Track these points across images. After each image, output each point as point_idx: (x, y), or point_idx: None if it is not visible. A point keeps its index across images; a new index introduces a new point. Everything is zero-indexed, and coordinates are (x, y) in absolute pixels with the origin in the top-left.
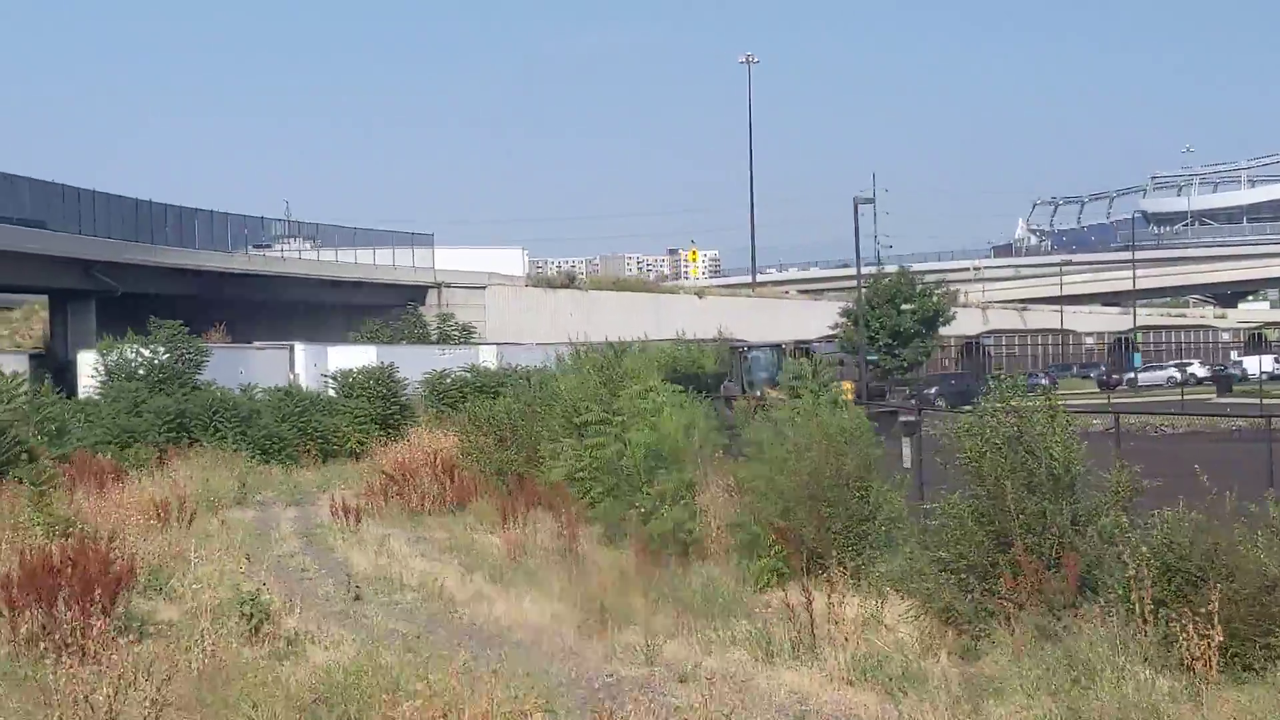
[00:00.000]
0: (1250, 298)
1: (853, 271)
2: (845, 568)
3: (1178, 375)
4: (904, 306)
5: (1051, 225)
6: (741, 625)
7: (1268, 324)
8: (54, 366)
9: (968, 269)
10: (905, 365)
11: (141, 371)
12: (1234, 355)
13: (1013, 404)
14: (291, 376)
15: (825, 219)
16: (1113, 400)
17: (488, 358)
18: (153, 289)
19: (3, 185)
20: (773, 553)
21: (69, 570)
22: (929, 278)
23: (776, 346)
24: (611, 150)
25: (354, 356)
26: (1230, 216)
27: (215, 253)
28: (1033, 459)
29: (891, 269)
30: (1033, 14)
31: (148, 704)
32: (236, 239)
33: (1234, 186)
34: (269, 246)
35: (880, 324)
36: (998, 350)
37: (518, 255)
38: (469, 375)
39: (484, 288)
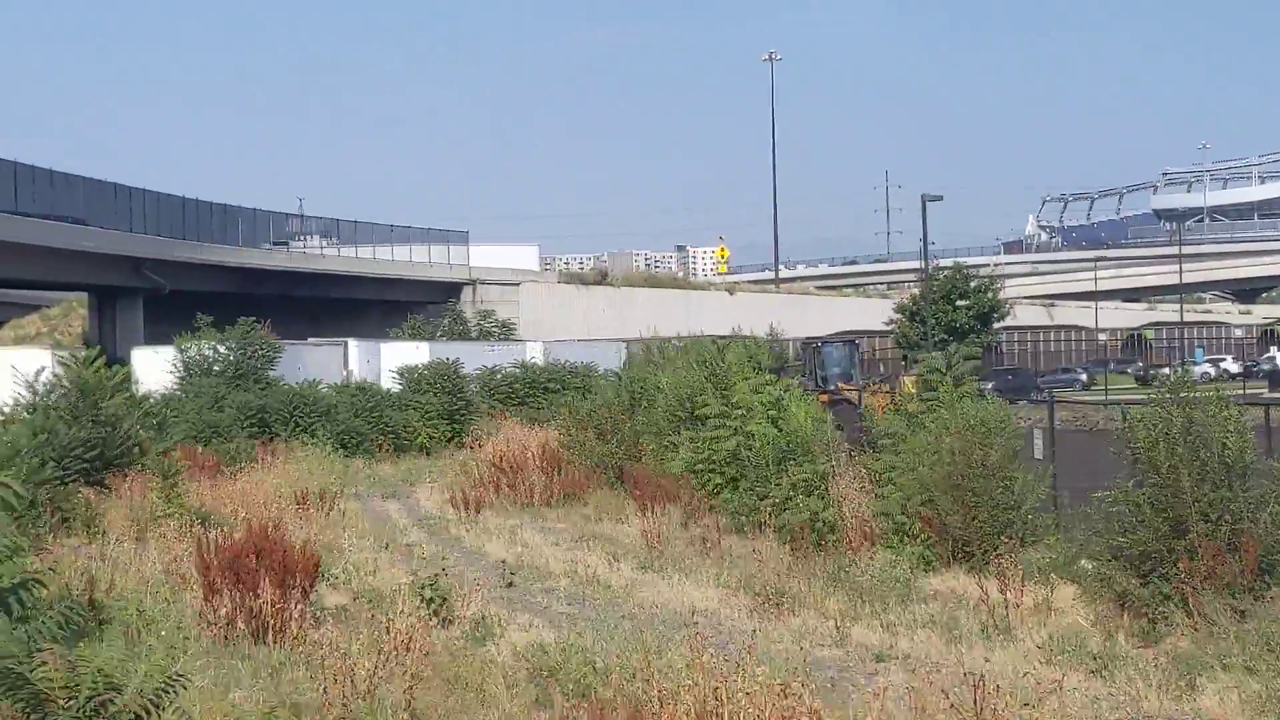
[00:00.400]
0: (1265, 294)
1: (873, 267)
2: (992, 556)
3: (1212, 371)
4: (959, 302)
5: (1061, 222)
6: (920, 609)
7: None
8: (105, 363)
9: (986, 265)
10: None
11: (217, 368)
12: (1266, 351)
13: (1183, 395)
14: (345, 373)
15: (826, 217)
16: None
17: (535, 354)
18: (197, 286)
19: (59, 184)
20: (919, 541)
21: (264, 557)
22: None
23: (850, 342)
24: (613, 149)
25: (407, 353)
26: (1240, 213)
27: (257, 250)
28: (1205, 449)
29: (947, 264)
30: (1040, 10)
31: (408, 677)
32: (277, 236)
33: (1244, 183)
34: (290, 242)
35: (936, 319)
36: (1020, 347)
37: (533, 252)
38: (519, 371)
39: (518, 284)
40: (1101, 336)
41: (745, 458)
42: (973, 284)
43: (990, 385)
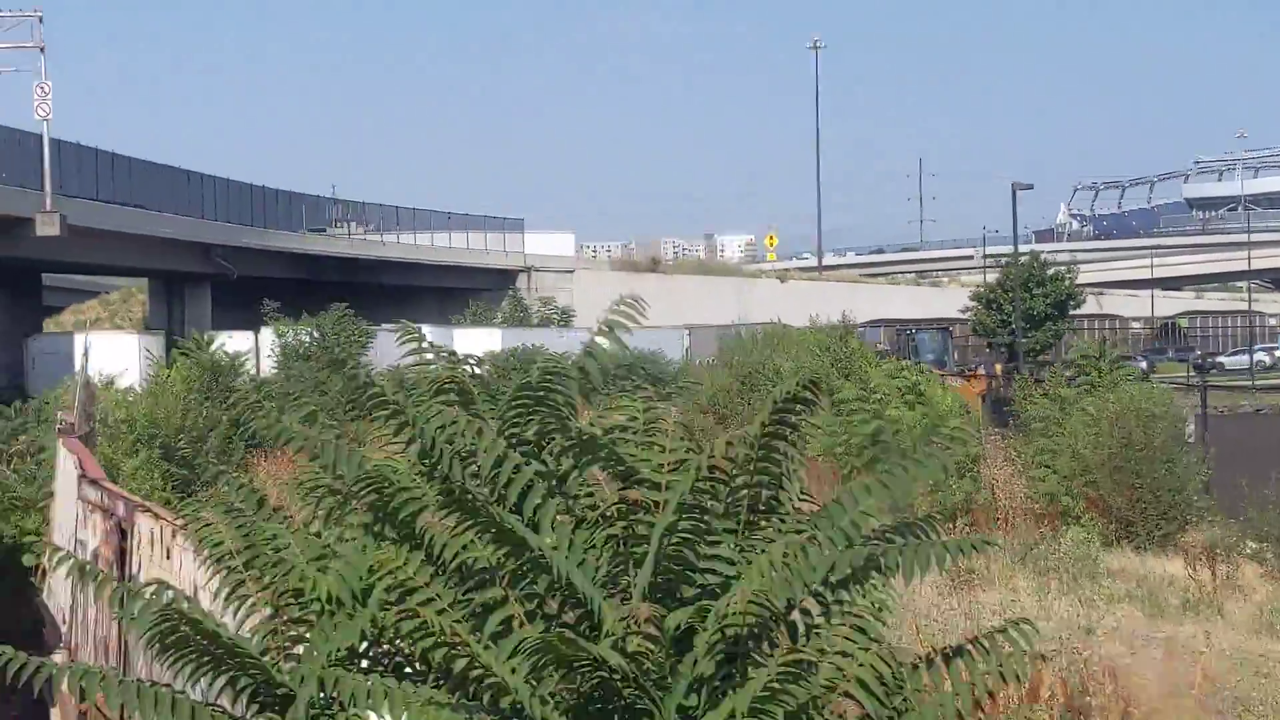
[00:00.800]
0: None
1: (900, 256)
2: (1156, 535)
3: (1267, 359)
4: (1036, 290)
5: (1093, 210)
6: (1111, 585)
7: None
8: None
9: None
10: (1038, 347)
11: (314, 352)
12: None
13: None
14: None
15: (849, 206)
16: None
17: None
18: (260, 272)
19: (137, 171)
20: (1082, 522)
21: None
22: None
23: (945, 329)
24: (639, 135)
25: (480, 339)
26: (1272, 202)
27: (320, 236)
28: None
29: (1014, 253)
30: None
31: None
32: (334, 222)
33: (1275, 172)
34: (348, 228)
35: (1013, 307)
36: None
37: (570, 239)
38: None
39: (571, 272)
40: (1135, 325)
41: (886, 440)
42: (1050, 271)
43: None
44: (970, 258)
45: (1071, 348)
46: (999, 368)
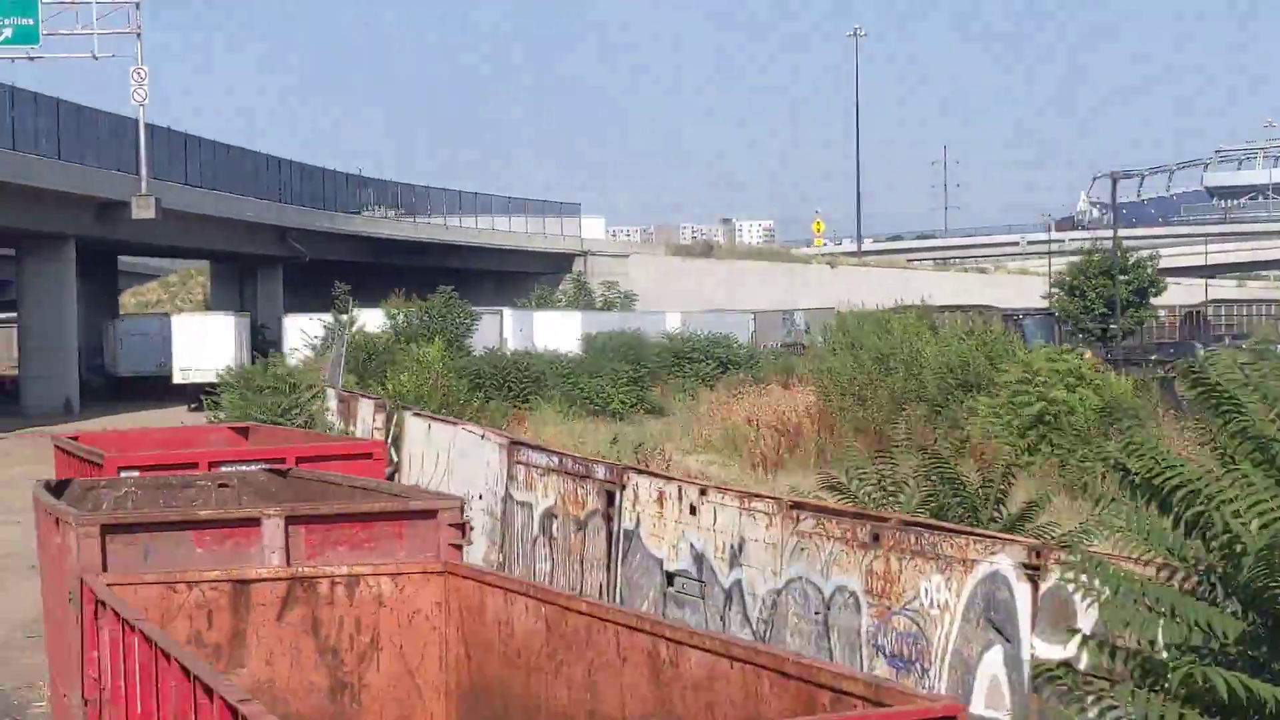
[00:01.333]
0: None
1: (917, 244)
2: None
3: None
4: (1120, 277)
5: (1112, 198)
6: None
7: None
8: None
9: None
10: (1121, 334)
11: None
12: None
13: None
14: (501, 340)
15: (866, 192)
16: None
17: (674, 324)
18: (329, 255)
19: (220, 155)
20: None
21: None
22: (1004, 249)
23: (1050, 314)
24: (651, 119)
25: (557, 321)
26: None
27: (386, 220)
28: None
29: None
30: None
31: None
32: (397, 205)
33: None
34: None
35: (1096, 294)
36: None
37: (600, 223)
38: (666, 341)
39: (627, 256)
40: (1161, 314)
41: (1052, 422)
42: (1131, 259)
43: (1153, 359)
44: (1016, 244)
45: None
46: (1089, 354)
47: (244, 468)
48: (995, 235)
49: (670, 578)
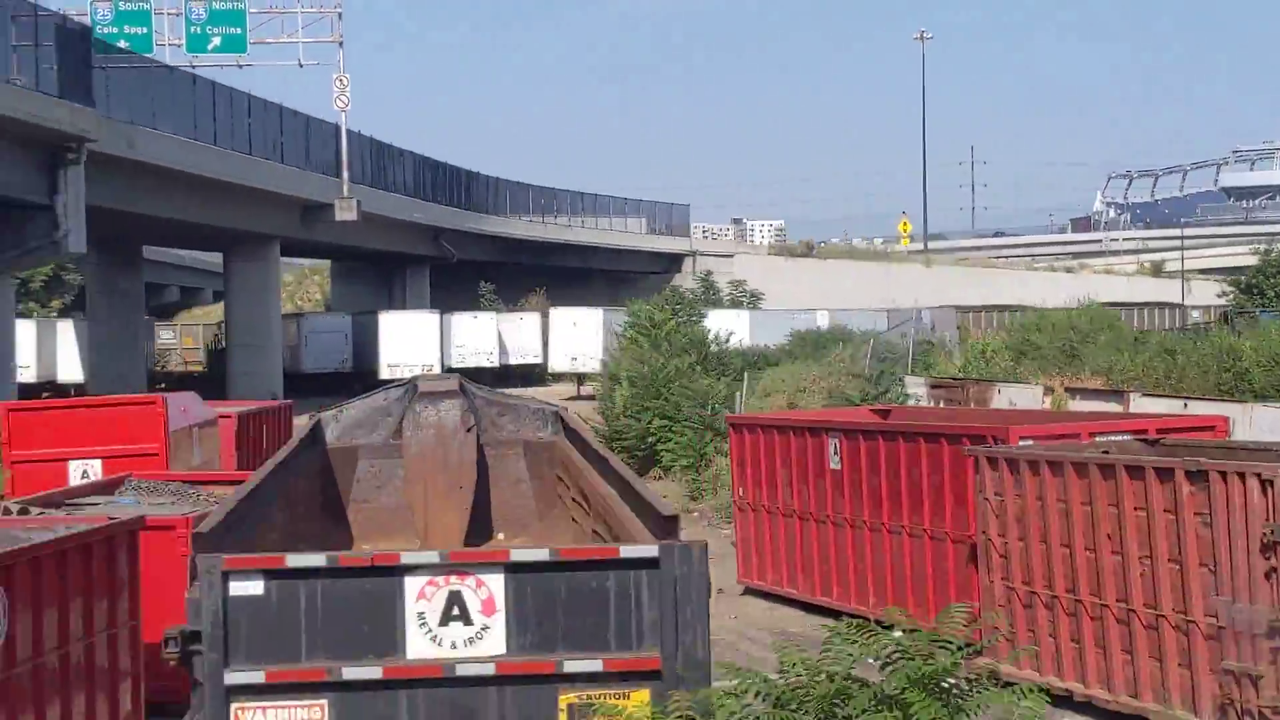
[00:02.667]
0: None
1: (1056, 236)
2: None
3: None
4: None
5: (1126, 198)
6: None
7: None
8: None
9: (1099, 240)
10: None
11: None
12: None
13: None
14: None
15: (870, 192)
16: None
17: (822, 322)
18: (469, 255)
19: (393, 157)
20: None
21: None
22: (1050, 248)
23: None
24: (668, 120)
25: (730, 319)
26: None
27: (520, 221)
28: None
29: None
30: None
31: None
32: (520, 207)
33: None
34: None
35: (1276, 292)
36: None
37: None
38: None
39: (732, 256)
40: (1195, 314)
41: None
42: None
43: None
44: (1099, 242)
45: None
46: None
47: (1117, 438)
48: (1063, 235)
49: None
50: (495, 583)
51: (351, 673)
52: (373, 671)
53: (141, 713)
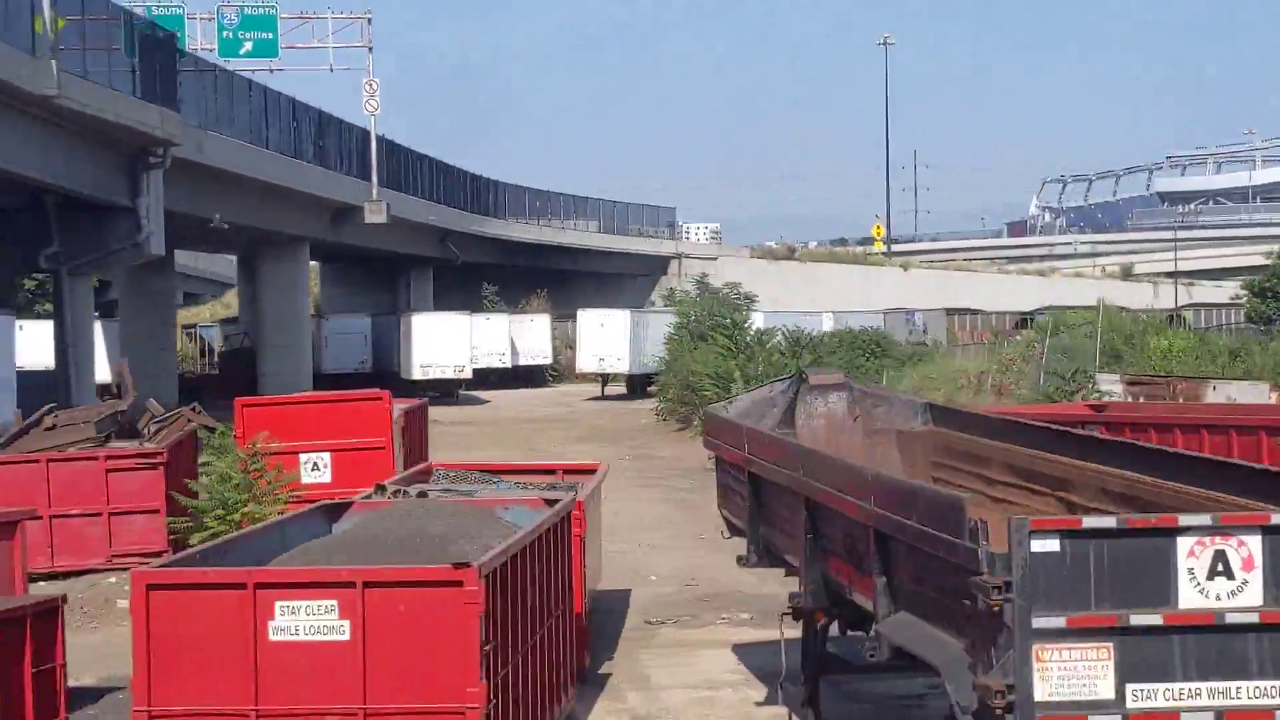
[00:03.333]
0: None
1: (863, 249)
2: None
3: None
4: None
5: (1060, 203)
6: None
7: None
8: None
9: (1046, 245)
10: None
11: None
12: None
13: None
14: None
15: (806, 198)
16: None
17: (827, 323)
18: (472, 258)
19: (410, 160)
20: None
21: None
22: (990, 253)
23: None
24: (602, 123)
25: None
26: (1244, 196)
27: (518, 224)
28: None
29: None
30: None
31: None
32: (517, 210)
33: (1240, 167)
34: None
35: None
36: None
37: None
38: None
39: (715, 259)
40: (1143, 318)
41: None
42: None
43: None
44: (1069, 244)
45: None
46: None
47: None
48: (1029, 237)
49: None
50: (1254, 543)
51: (1137, 619)
52: (1154, 619)
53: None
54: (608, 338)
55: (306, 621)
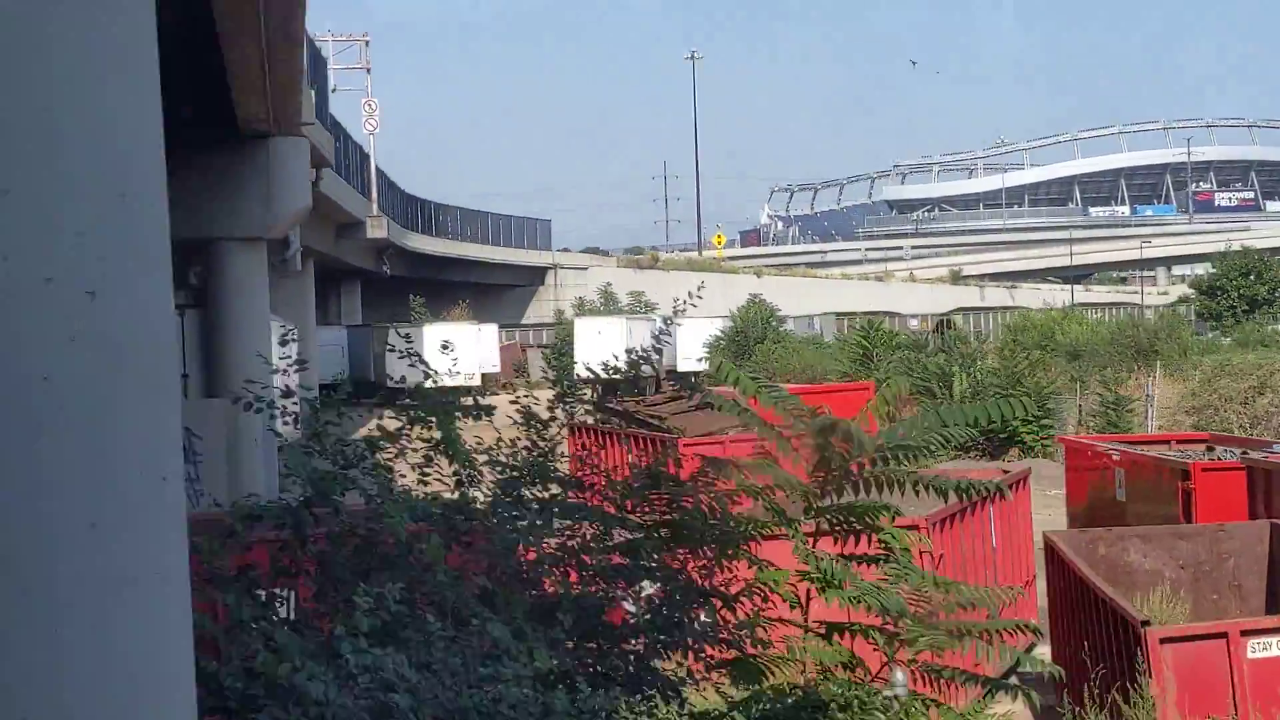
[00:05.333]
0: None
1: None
2: None
3: None
4: (1254, 280)
5: (788, 211)
6: None
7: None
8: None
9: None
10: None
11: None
12: None
13: None
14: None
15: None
16: None
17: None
18: (396, 271)
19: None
20: None
21: None
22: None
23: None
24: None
25: (706, 326)
26: (967, 203)
27: (422, 236)
28: None
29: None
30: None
31: None
32: (427, 223)
33: (960, 176)
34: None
35: (1239, 294)
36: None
37: None
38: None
39: (586, 268)
40: (913, 323)
41: None
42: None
43: None
44: (899, 249)
45: None
46: None
47: None
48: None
49: None
50: None
51: None
52: None
53: None
54: (606, 345)
55: None
